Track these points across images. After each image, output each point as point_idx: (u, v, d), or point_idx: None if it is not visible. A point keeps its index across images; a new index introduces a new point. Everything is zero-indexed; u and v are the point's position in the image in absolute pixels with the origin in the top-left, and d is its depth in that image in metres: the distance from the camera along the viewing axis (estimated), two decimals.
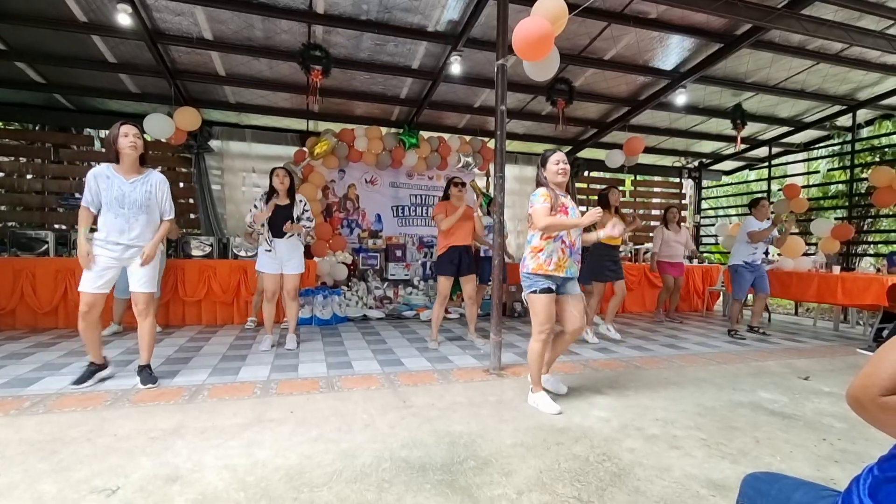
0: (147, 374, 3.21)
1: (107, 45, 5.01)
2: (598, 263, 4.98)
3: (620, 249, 5.35)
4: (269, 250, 4.25)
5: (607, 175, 8.80)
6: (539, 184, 3.08)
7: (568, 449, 2.36)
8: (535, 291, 2.91)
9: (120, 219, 3.06)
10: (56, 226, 6.27)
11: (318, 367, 3.76)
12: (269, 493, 1.87)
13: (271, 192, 4.32)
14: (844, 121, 7.42)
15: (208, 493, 1.86)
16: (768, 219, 5.51)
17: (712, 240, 9.76)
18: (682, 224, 6.35)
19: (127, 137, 3.07)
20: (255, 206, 4.29)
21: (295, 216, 4.28)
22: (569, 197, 3.07)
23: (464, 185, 4.65)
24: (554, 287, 2.94)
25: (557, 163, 2.99)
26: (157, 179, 3.27)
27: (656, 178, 9.62)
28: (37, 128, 6.64)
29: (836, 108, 7.12)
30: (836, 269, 5.96)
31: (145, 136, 6.42)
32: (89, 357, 3.20)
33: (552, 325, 2.94)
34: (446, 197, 4.65)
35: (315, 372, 3.60)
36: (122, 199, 3.05)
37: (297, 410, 2.79)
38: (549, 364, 3.24)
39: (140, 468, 2.05)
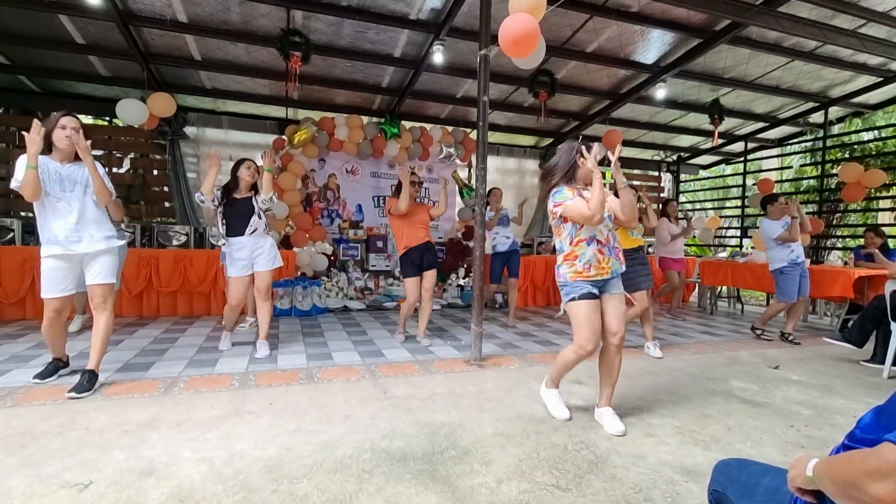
0: (86, 381, 2.80)
1: (75, 26, 4.81)
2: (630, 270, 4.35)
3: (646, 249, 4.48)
4: (224, 244, 3.74)
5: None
6: (551, 174, 2.64)
7: (547, 438, 2.39)
8: (573, 298, 2.50)
9: (62, 202, 2.82)
10: (23, 213, 6.04)
11: (298, 358, 3.73)
12: (247, 485, 1.85)
13: (231, 185, 3.81)
14: (817, 118, 7.64)
15: (185, 487, 1.84)
16: (792, 218, 4.88)
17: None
18: (680, 218, 6.29)
19: (64, 130, 2.80)
20: (202, 201, 3.70)
21: (256, 209, 3.77)
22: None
23: (413, 182, 4.22)
24: (597, 291, 2.52)
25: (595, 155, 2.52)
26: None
27: (636, 172, 9.73)
28: (1, 111, 6.36)
29: (810, 104, 7.31)
30: (807, 262, 6.14)
31: (116, 121, 6.28)
32: (52, 355, 3.07)
33: (598, 341, 2.49)
34: (399, 191, 4.24)
35: (295, 363, 3.57)
36: (62, 182, 2.81)
37: (277, 402, 2.76)
38: (607, 395, 2.62)
39: (113, 462, 2.01)
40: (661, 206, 6.63)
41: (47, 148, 2.82)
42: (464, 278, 7.09)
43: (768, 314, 5.16)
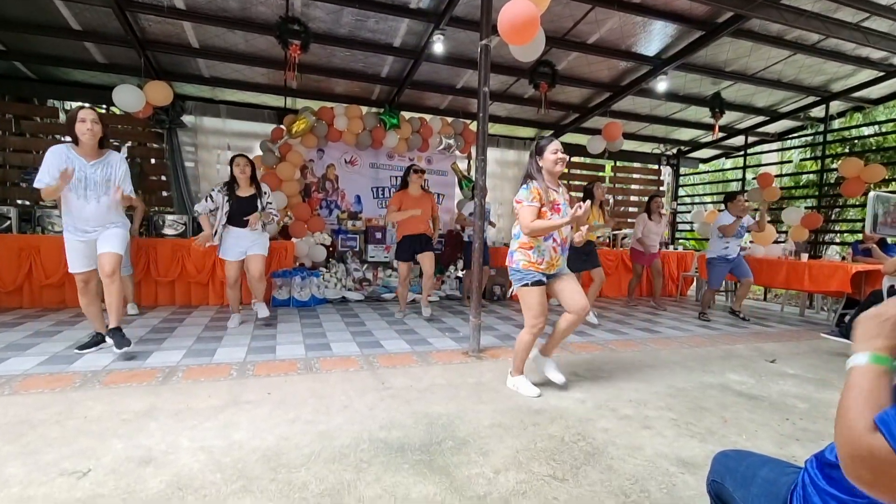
0: (120, 337, 3.21)
1: (70, 12, 4.74)
2: (572, 255, 4.86)
3: (599, 238, 5.31)
4: (218, 244, 4.14)
5: (588, 160, 8.86)
6: (529, 175, 2.85)
7: (544, 429, 2.40)
8: (526, 284, 2.79)
9: (81, 200, 3.09)
10: (19, 201, 6.00)
11: (296, 348, 3.73)
12: (245, 474, 1.86)
13: (232, 183, 4.17)
14: (818, 112, 7.60)
15: (183, 475, 1.84)
16: (741, 215, 5.49)
17: (688, 226, 9.98)
18: (663, 214, 6.40)
19: (84, 123, 3.00)
20: (210, 198, 4.10)
21: (259, 209, 4.17)
22: (561, 188, 2.94)
23: (423, 171, 4.90)
24: (545, 279, 2.84)
25: (556, 152, 2.80)
26: (115, 160, 3.23)
27: (636, 165, 9.73)
28: None
29: (811, 98, 7.27)
30: (805, 257, 6.16)
31: (113, 109, 6.25)
32: (94, 328, 3.38)
33: (546, 319, 2.85)
34: (405, 184, 4.89)
35: (293, 353, 3.58)
36: (85, 181, 3.07)
37: (275, 392, 2.76)
38: (553, 347, 3.07)
39: (111, 450, 2.01)
40: (648, 199, 6.67)
41: (74, 140, 3.08)
42: (462, 270, 7.08)
43: (704, 299, 5.90)
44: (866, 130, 8.64)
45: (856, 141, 8.27)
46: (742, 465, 1.14)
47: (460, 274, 7.03)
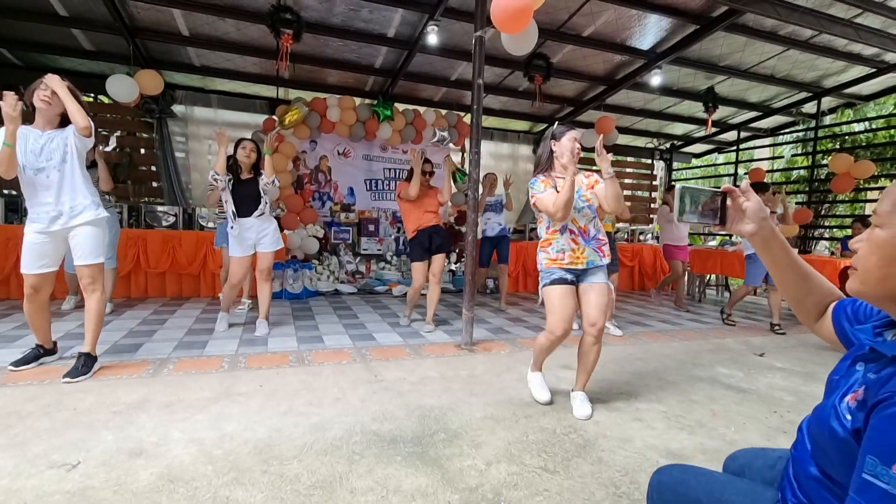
0: (82, 363, 2.73)
1: None
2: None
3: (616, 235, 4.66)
4: (233, 227, 3.77)
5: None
6: (537, 165, 2.68)
7: (536, 422, 2.42)
8: (546, 284, 2.54)
9: (41, 175, 2.65)
10: (6, 191, 5.90)
11: (289, 341, 3.72)
12: (237, 466, 1.86)
13: (235, 166, 3.82)
14: (809, 108, 7.65)
15: (174, 467, 1.83)
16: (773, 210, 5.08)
17: None
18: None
19: (45, 91, 2.62)
20: (217, 180, 3.69)
21: (260, 189, 3.81)
22: (580, 175, 2.60)
23: (431, 173, 4.41)
24: (571, 278, 2.53)
25: (573, 140, 2.54)
26: (73, 129, 2.74)
27: (629, 159, 9.74)
28: None
29: (803, 94, 7.32)
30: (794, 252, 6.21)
31: (101, 97, 6.12)
32: (36, 340, 2.91)
33: (568, 327, 2.49)
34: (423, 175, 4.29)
35: (285, 346, 3.56)
36: (38, 152, 2.64)
37: (267, 384, 2.76)
38: (581, 381, 2.64)
39: (102, 442, 2.00)
40: (665, 192, 6.65)
41: (33, 114, 2.67)
42: (455, 263, 7.09)
43: (734, 298, 5.38)
44: (857, 127, 8.71)
45: (846, 137, 8.34)
46: (698, 491, 1.00)
47: (453, 267, 7.03)
